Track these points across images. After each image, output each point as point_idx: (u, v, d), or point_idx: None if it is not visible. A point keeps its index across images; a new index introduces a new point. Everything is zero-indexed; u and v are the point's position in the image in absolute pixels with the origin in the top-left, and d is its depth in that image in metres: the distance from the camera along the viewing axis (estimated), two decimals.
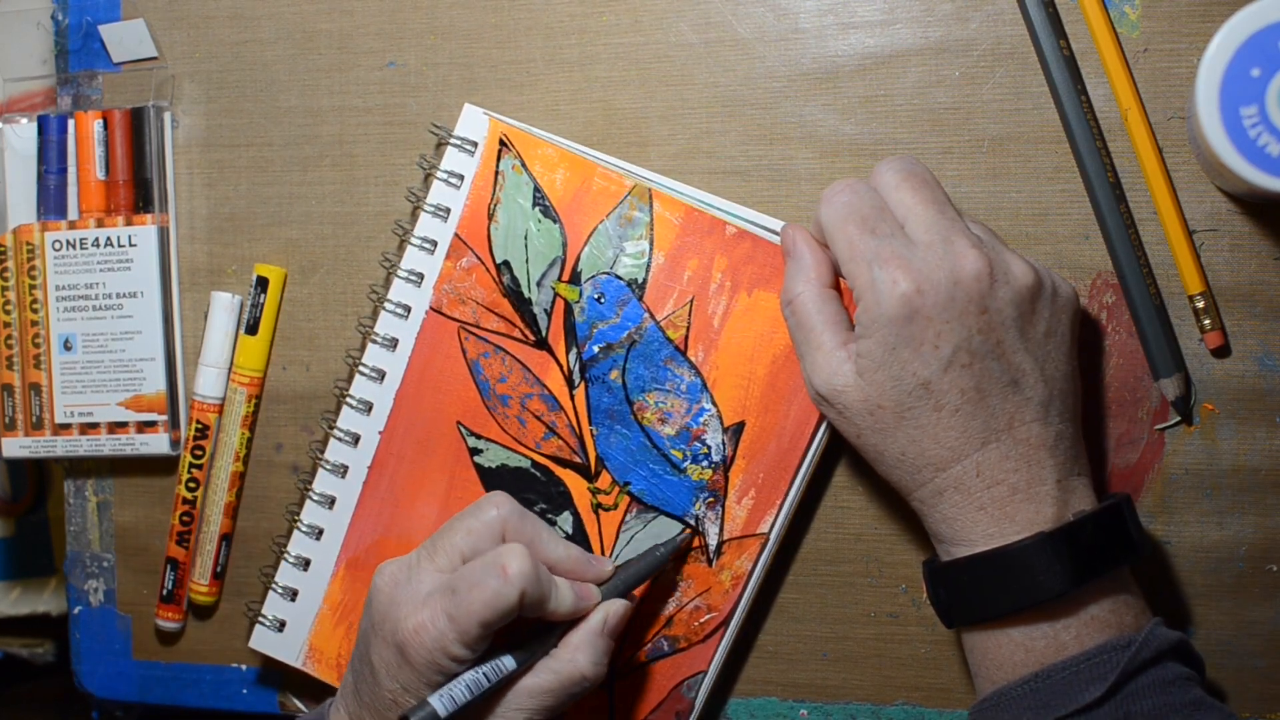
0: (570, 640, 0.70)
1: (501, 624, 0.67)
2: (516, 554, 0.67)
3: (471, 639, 0.66)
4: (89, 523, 0.90)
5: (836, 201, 0.68)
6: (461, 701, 0.67)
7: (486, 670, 0.68)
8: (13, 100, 0.90)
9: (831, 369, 0.67)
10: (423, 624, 0.67)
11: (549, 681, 0.69)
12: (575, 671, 0.69)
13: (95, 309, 0.85)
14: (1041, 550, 0.64)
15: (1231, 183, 0.68)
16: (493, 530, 0.70)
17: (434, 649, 0.66)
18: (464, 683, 0.67)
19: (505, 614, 0.66)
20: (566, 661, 0.69)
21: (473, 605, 0.66)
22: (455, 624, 0.66)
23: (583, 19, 0.80)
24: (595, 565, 0.72)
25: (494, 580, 0.66)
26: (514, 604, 0.66)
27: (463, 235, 0.78)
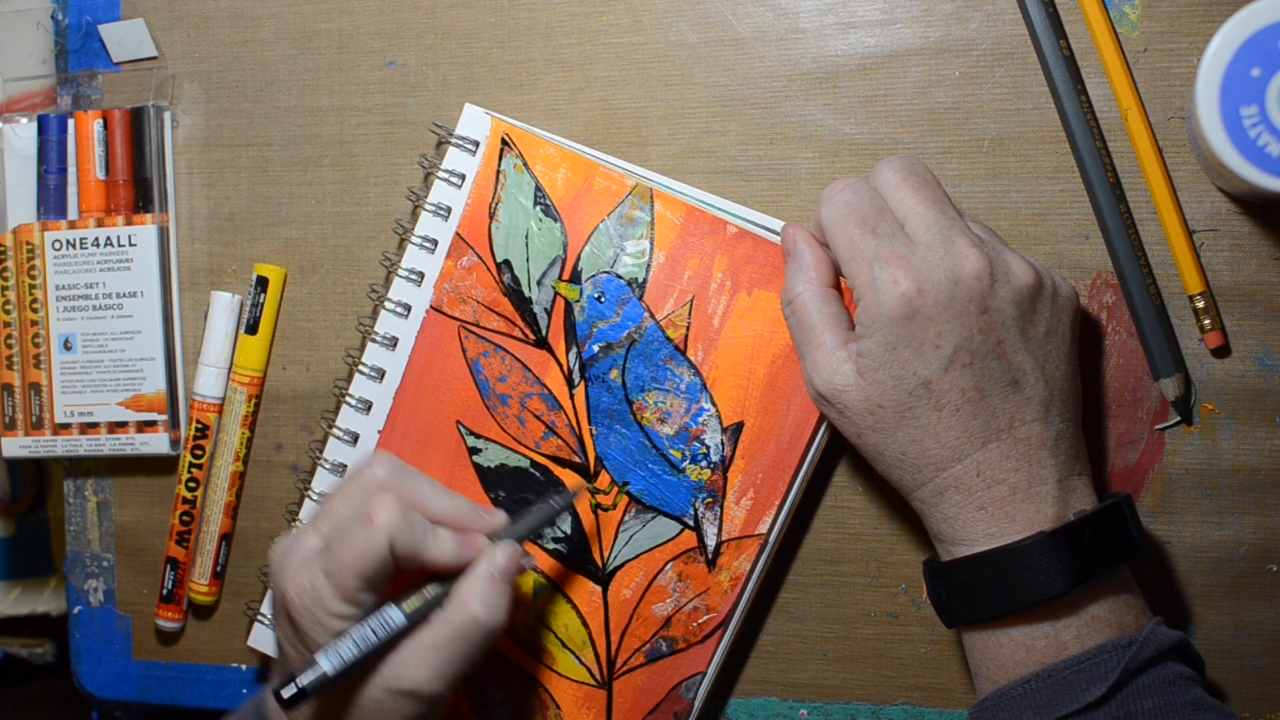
0: (460, 588, 0.68)
1: (378, 575, 0.66)
2: (383, 503, 0.67)
3: (349, 592, 0.66)
4: (89, 523, 0.90)
5: (837, 201, 0.68)
6: (350, 657, 0.66)
7: (374, 625, 0.67)
8: (13, 100, 0.90)
9: (832, 368, 0.67)
10: (302, 586, 0.67)
11: (444, 632, 0.67)
12: (468, 617, 0.67)
13: (95, 309, 0.85)
14: (1042, 550, 0.64)
15: (1231, 183, 0.68)
16: (369, 491, 0.69)
17: (314, 608, 0.66)
18: (351, 639, 0.66)
19: (376, 563, 0.66)
20: (459, 609, 0.67)
21: (344, 558, 0.66)
22: (331, 579, 0.66)
23: (583, 19, 0.80)
24: (485, 517, 0.71)
25: (362, 530, 0.66)
26: (383, 551, 0.66)
27: (463, 234, 0.78)
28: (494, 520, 0.71)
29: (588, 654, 0.77)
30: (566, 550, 0.77)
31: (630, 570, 0.76)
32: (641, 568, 0.76)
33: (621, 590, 0.77)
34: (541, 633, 0.78)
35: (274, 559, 0.70)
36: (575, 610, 0.77)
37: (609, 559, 0.77)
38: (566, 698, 0.78)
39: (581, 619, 0.77)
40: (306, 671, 0.65)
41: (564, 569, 0.77)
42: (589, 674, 0.77)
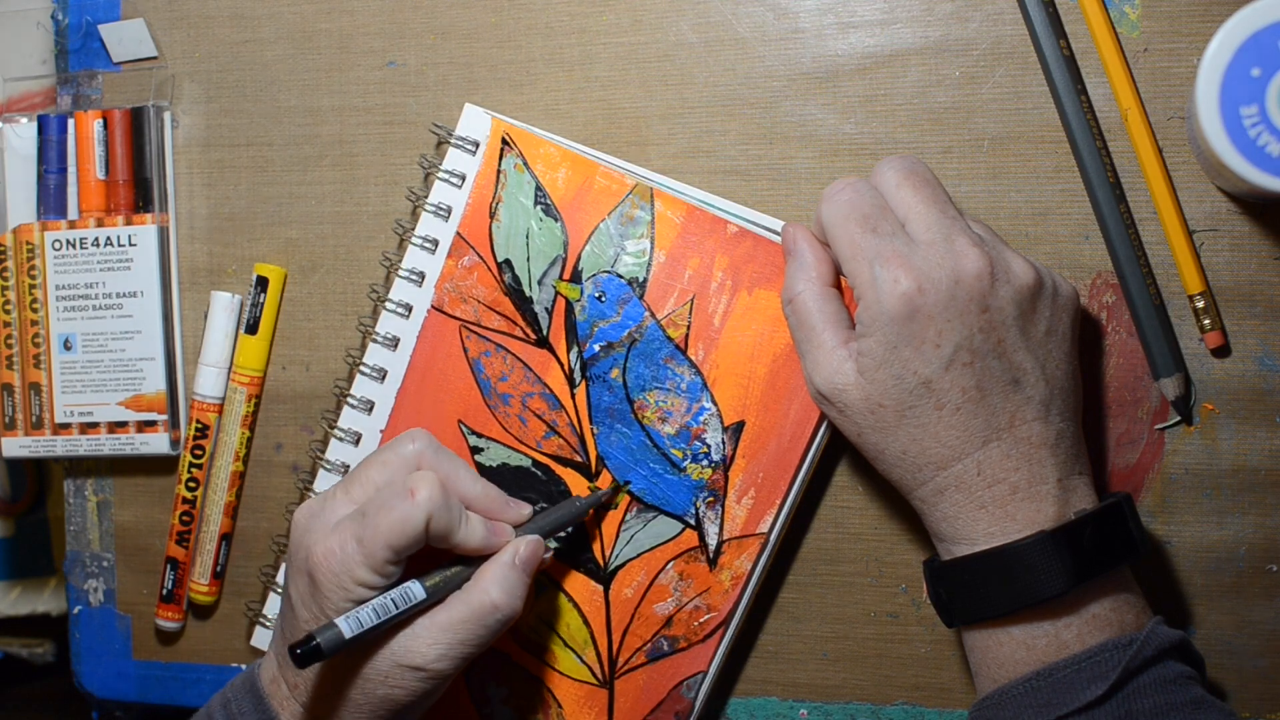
0: (482, 573, 0.69)
1: (409, 549, 0.67)
2: (425, 479, 0.67)
3: (378, 563, 0.66)
4: (89, 522, 0.90)
5: (838, 200, 0.68)
6: (368, 624, 0.66)
7: (395, 596, 0.67)
8: (13, 100, 0.90)
9: (833, 367, 0.67)
10: (331, 549, 0.67)
11: (461, 613, 0.68)
12: (486, 601, 0.68)
13: (95, 309, 0.85)
14: (1042, 549, 0.64)
15: (1231, 183, 0.68)
16: (408, 463, 0.70)
17: (341, 573, 0.67)
18: (371, 607, 0.67)
19: (411, 538, 0.66)
20: (478, 593, 0.68)
21: (379, 528, 0.66)
22: (362, 547, 0.66)
23: (583, 19, 0.80)
24: (512, 507, 0.72)
25: (401, 503, 0.67)
26: (420, 527, 0.66)
27: (464, 234, 0.78)
28: (520, 511, 0.73)
29: (589, 653, 0.77)
30: (568, 549, 0.77)
31: (631, 569, 0.76)
32: (643, 567, 0.76)
33: (623, 589, 0.77)
34: (543, 632, 0.78)
35: (299, 519, 0.70)
36: (577, 609, 0.77)
37: (610, 558, 0.77)
38: (568, 697, 0.78)
39: (583, 618, 0.77)
40: (325, 632, 0.65)
41: (566, 568, 0.77)
42: (590, 673, 0.77)
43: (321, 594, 0.67)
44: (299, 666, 0.65)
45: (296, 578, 0.69)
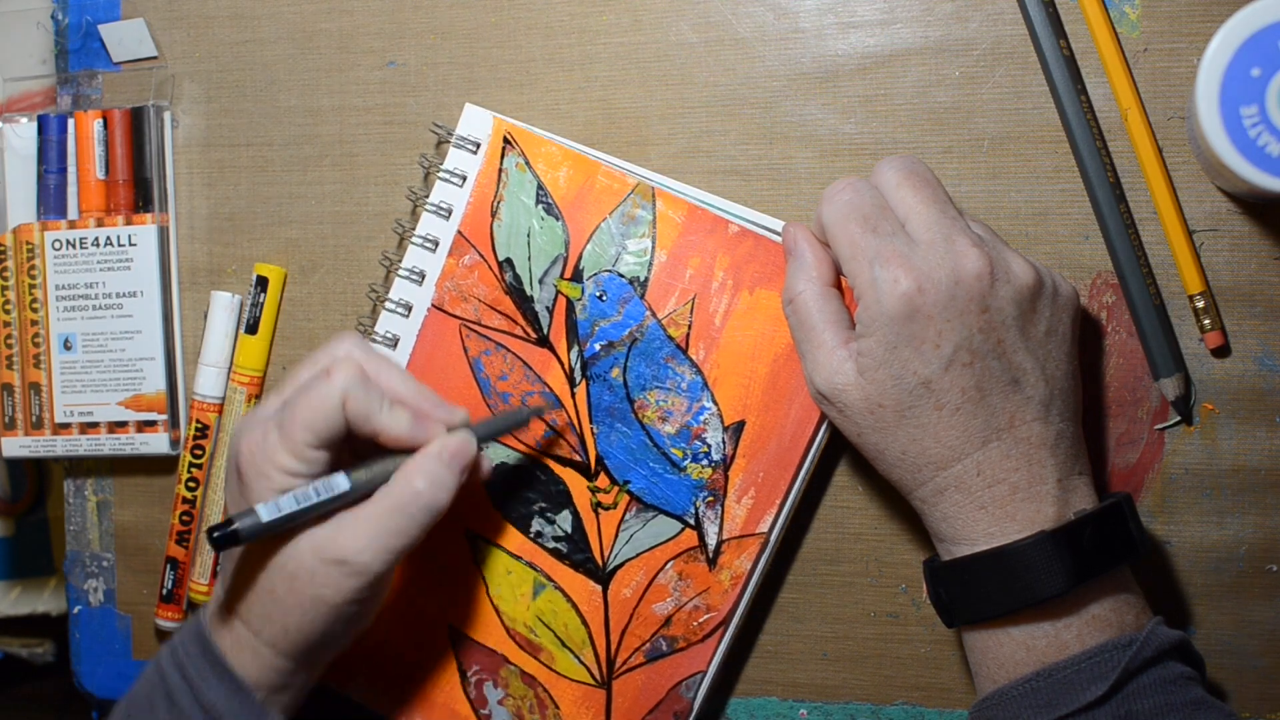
0: (407, 465, 0.69)
1: (328, 431, 0.67)
2: (342, 363, 0.68)
3: (297, 445, 0.67)
4: (89, 522, 0.89)
5: (838, 200, 0.68)
6: (287, 510, 0.66)
7: (318, 485, 0.67)
8: (13, 100, 0.90)
9: (833, 367, 0.67)
10: (254, 440, 0.68)
11: (384, 504, 0.68)
12: (410, 490, 0.68)
13: (95, 308, 0.85)
14: (1042, 549, 0.64)
15: (1231, 183, 0.68)
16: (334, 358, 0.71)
17: (264, 462, 0.67)
18: (292, 494, 0.67)
19: (328, 418, 0.67)
20: (401, 482, 0.68)
21: (296, 411, 0.67)
22: (282, 432, 0.67)
23: (582, 19, 0.80)
24: (446, 409, 0.72)
25: (318, 385, 0.67)
26: (336, 406, 0.67)
27: (465, 233, 0.78)
28: (454, 414, 0.72)
29: (587, 653, 0.77)
30: (567, 549, 0.77)
31: (630, 569, 0.76)
32: (642, 567, 0.76)
33: (621, 589, 0.77)
34: (541, 632, 0.78)
35: (234, 427, 0.72)
36: (575, 609, 0.77)
37: (609, 558, 0.77)
38: (566, 697, 0.78)
39: (581, 618, 0.77)
40: (243, 517, 0.66)
41: (564, 567, 0.77)
42: (588, 673, 0.77)
43: (248, 487, 0.68)
44: (216, 549, 0.65)
45: (229, 480, 0.70)
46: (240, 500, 0.68)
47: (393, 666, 0.80)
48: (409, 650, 0.80)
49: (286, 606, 0.68)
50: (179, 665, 0.71)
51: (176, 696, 0.70)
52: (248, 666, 0.70)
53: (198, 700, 0.69)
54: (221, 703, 0.69)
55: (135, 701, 0.72)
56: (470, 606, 0.79)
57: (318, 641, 0.69)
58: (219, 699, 0.69)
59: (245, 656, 0.70)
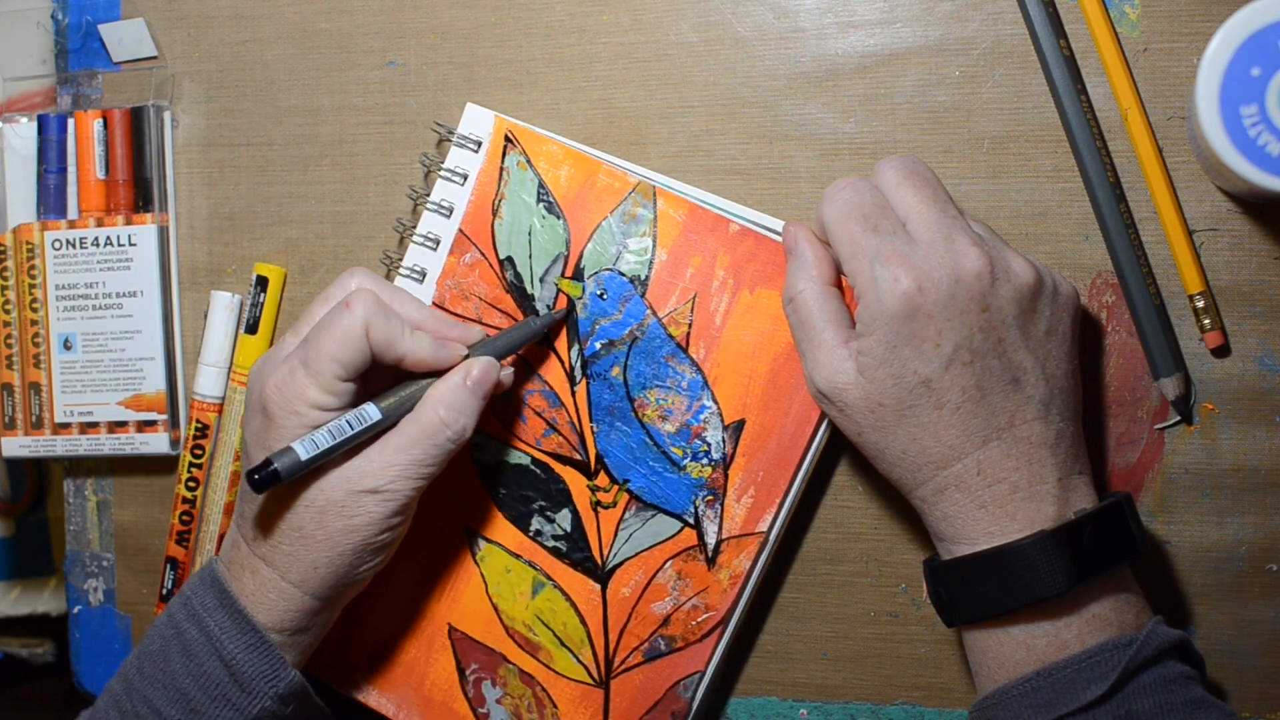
0: (431, 393, 0.70)
1: (354, 362, 0.68)
2: (359, 293, 0.70)
3: (326, 379, 0.68)
4: (89, 522, 0.89)
5: (838, 199, 0.68)
6: (324, 445, 0.67)
7: (349, 418, 0.68)
8: (13, 100, 0.90)
9: (833, 366, 0.67)
10: (281, 379, 0.69)
11: (411, 433, 0.69)
12: (435, 419, 0.69)
13: (95, 308, 0.85)
14: (1042, 549, 0.64)
15: (1231, 183, 0.68)
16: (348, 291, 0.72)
17: (293, 398, 0.68)
18: (326, 429, 0.68)
19: (353, 348, 0.68)
20: (427, 410, 0.69)
21: (321, 345, 0.68)
22: (308, 368, 0.68)
23: (582, 18, 0.80)
24: (460, 327, 0.73)
25: (338, 317, 0.68)
26: (360, 335, 0.68)
27: (466, 231, 0.78)
28: (470, 331, 0.73)
29: (585, 652, 0.77)
30: (566, 548, 0.77)
31: (629, 568, 0.76)
32: (641, 566, 0.76)
33: (620, 588, 0.77)
34: (539, 630, 0.78)
35: (253, 368, 0.72)
36: (574, 608, 0.77)
37: (608, 557, 0.77)
38: (563, 696, 0.78)
39: (580, 617, 0.77)
40: (281, 456, 0.66)
41: (563, 566, 0.77)
42: (586, 672, 0.77)
43: (276, 425, 0.68)
44: (256, 491, 0.66)
45: (252, 417, 0.71)
46: (265, 441, 0.69)
47: (392, 665, 0.80)
48: (408, 648, 0.80)
49: (315, 542, 0.69)
50: (195, 617, 0.71)
51: (194, 649, 0.70)
52: (272, 609, 0.70)
53: (217, 653, 0.70)
54: (242, 654, 0.70)
55: (148, 655, 0.72)
56: (469, 605, 0.79)
57: (345, 576, 0.70)
58: (239, 650, 0.70)
59: (270, 599, 0.70)
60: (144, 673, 0.71)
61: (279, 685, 0.70)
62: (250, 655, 0.70)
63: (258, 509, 0.71)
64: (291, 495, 0.69)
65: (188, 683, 0.70)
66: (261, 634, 0.70)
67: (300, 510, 0.69)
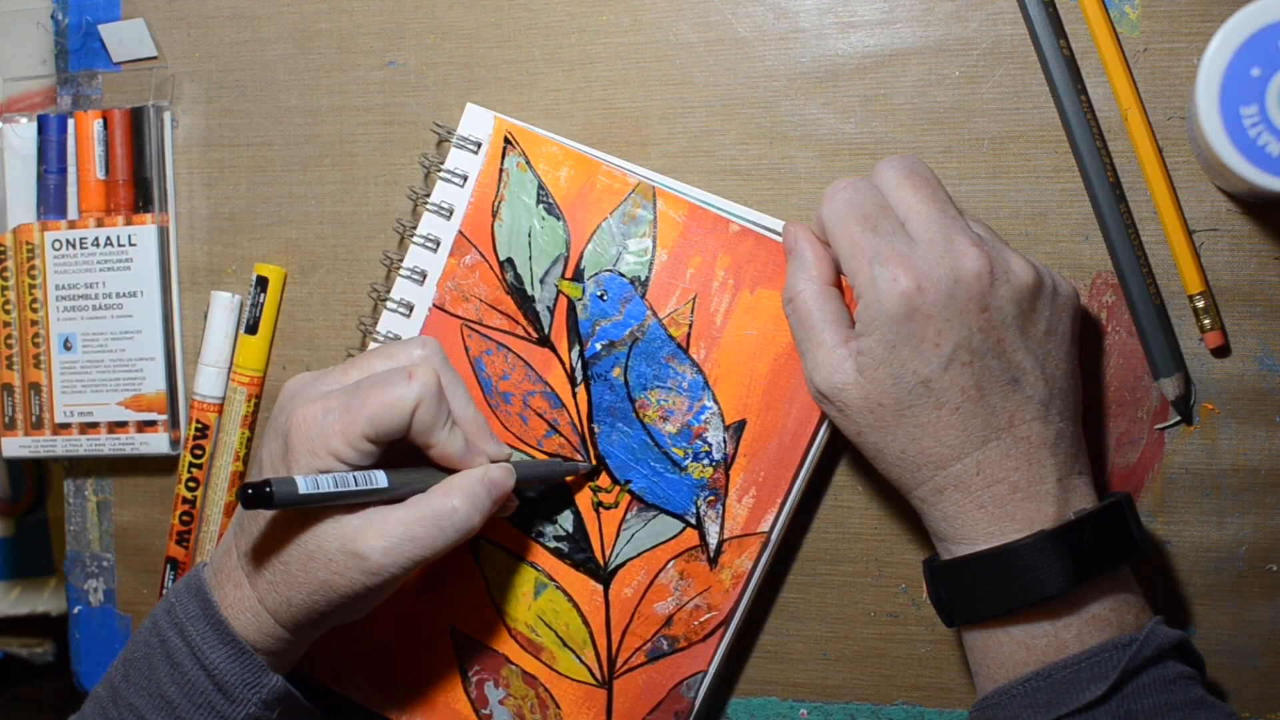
0: (449, 481, 0.70)
1: (390, 432, 0.67)
2: (425, 368, 0.68)
3: (355, 436, 0.67)
4: (89, 522, 0.89)
5: (838, 199, 0.68)
6: (325, 489, 0.66)
7: (358, 475, 0.67)
8: (13, 100, 0.90)
9: (832, 366, 0.67)
10: (312, 414, 0.68)
11: (418, 511, 0.68)
12: (446, 506, 0.68)
13: (95, 308, 0.85)
14: (1042, 549, 0.64)
15: (1231, 183, 0.68)
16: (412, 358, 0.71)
17: (316, 438, 0.67)
18: (333, 476, 0.67)
19: (396, 419, 0.67)
20: (440, 495, 0.68)
21: (368, 401, 0.67)
22: (344, 417, 0.67)
23: (582, 19, 0.80)
24: (495, 443, 0.72)
25: (396, 383, 0.67)
26: (407, 411, 0.67)
27: (466, 232, 0.78)
28: (501, 449, 0.73)
29: (588, 653, 0.77)
30: (568, 548, 0.77)
31: (632, 569, 0.76)
32: (643, 566, 0.76)
33: (623, 589, 0.77)
34: (542, 631, 0.78)
35: (290, 385, 0.71)
36: (576, 609, 0.77)
37: (610, 557, 0.77)
38: (566, 697, 0.78)
39: (582, 618, 0.77)
40: (281, 484, 0.65)
41: (565, 567, 0.77)
42: (589, 673, 0.77)
43: (291, 456, 0.68)
44: (244, 506, 0.65)
45: (272, 440, 0.70)
46: (278, 463, 0.68)
47: (394, 667, 0.80)
48: (410, 650, 0.80)
49: (296, 582, 0.68)
50: (178, 625, 0.71)
51: (178, 657, 0.70)
52: (247, 627, 0.70)
53: (200, 662, 0.70)
54: (224, 663, 0.69)
55: (133, 663, 0.72)
56: (471, 606, 0.79)
57: (315, 620, 0.70)
58: (221, 660, 0.69)
59: (245, 617, 0.70)
60: (129, 679, 0.71)
61: (262, 691, 0.70)
62: (232, 665, 0.69)
63: (257, 531, 0.70)
64: (290, 529, 0.69)
65: (172, 690, 0.70)
66: (241, 644, 0.70)
67: (292, 548, 0.69)
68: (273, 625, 0.70)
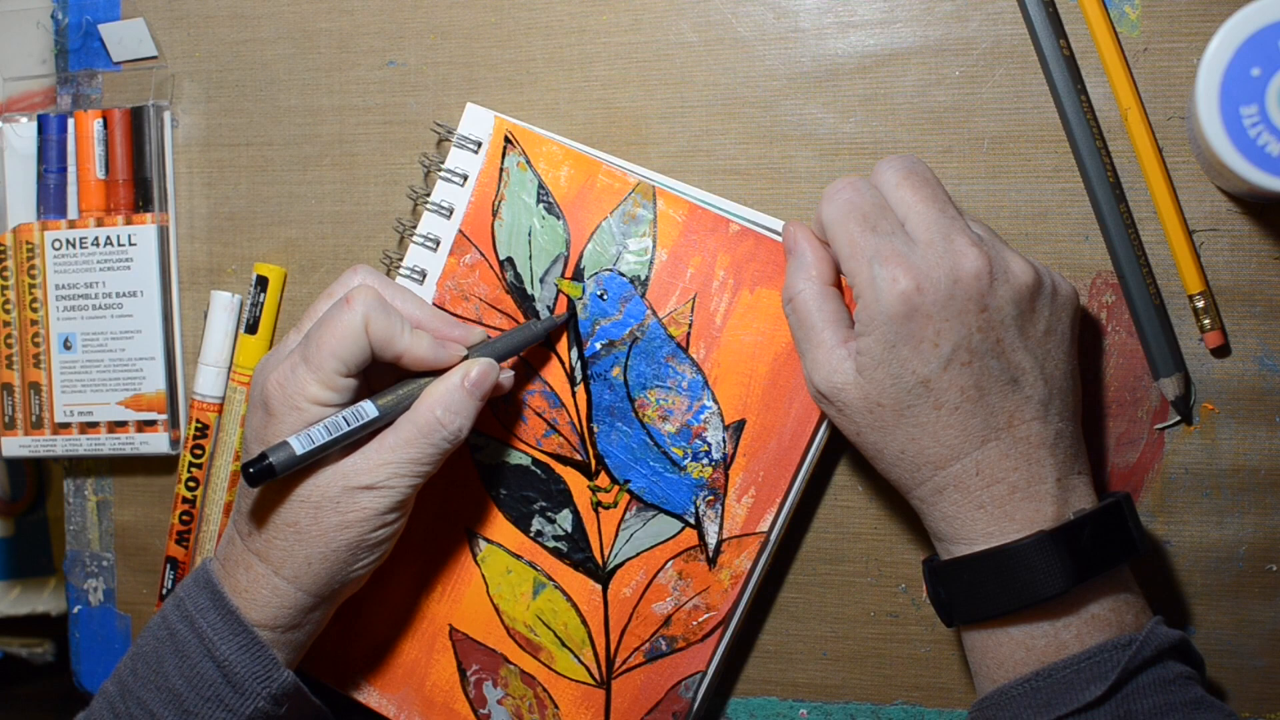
0: (429, 393, 0.70)
1: (354, 357, 0.69)
2: (359, 289, 0.70)
3: (326, 374, 0.68)
4: (89, 522, 0.89)
5: (838, 199, 0.68)
6: (320, 441, 0.68)
7: (346, 414, 0.69)
8: (13, 100, 0.90)
9: (831, 366, 0.67)
10: (281, 374, 0.69)
11: (407, 432, 0.69)
12: (432, 419, 0.69)
13: (95, 308, 0.85)
14: (1041, 549, 0.64)
15: (1231, 183, 0.68)
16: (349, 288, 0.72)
17: (293, 394, 0.69)
18: (323, 424, 0.68)
19: (353, 343, 0.68)
20: (424, 410, 0.70)
21: (322, 341, 0.68)
22: (309, 364, 0.69)
23: (582, 18, 0.80)
24: (461, 328, 0.73)
25: (339, 313, 0.69)
26: (359, 330, 0.68)
27: (466, 232, 0.78)
28: (471, 332, 0.73)
29: (587, 653, 0.77)
30: (567, 548, 0.77)
31: (630, 568, 0.76)
32: (642, 566, 0.76)
33: (621, 589, 0.77)
34: (540, 631, 0.78)
35: (257, 366, 0.73)
36: (575, 609, 0.77)
37: (609, 557, 0.77)
38: (565, 697, 0.78)
39: (581, 617, 0.77)
40: (277, 450, 0.67)
41: (564, 567, 0.77)
42: (588, 673, 0.77)
43: (276, 420, 0.69)
44: (251, 485, 0.67)
45: (254, 414, 0.71)
46: (264, 436, 0.69)
47: (392, 665, 0.80)
48: (408, 649, 0.80)
49: (310, 538, 0.69)
50: (188, 618, 0.71)
51: (187, 650, 0.70)
52: (265, 605, 0.71)
53: (210, 654, 0.70)
54: (234, 654, 0.70)
55: (142, 657, 0.72)
56: (470, 606, 0.79)
57: (339, 572, 0.71)
58: (231, 651, 0.70)
59: (263, 595, 0.71)
60: (138, 674, 0.71)
61: (272, 685, 0.70)
62: (243, 656, 0.70)
63: (252, 503, 0.71)
64: (286, 490, 0.70)
65: (180, 684, 0.70)
66: (254, 634, 0.70)
67: (295, 505, 0.69)
68: (294, 594, 0.70)
